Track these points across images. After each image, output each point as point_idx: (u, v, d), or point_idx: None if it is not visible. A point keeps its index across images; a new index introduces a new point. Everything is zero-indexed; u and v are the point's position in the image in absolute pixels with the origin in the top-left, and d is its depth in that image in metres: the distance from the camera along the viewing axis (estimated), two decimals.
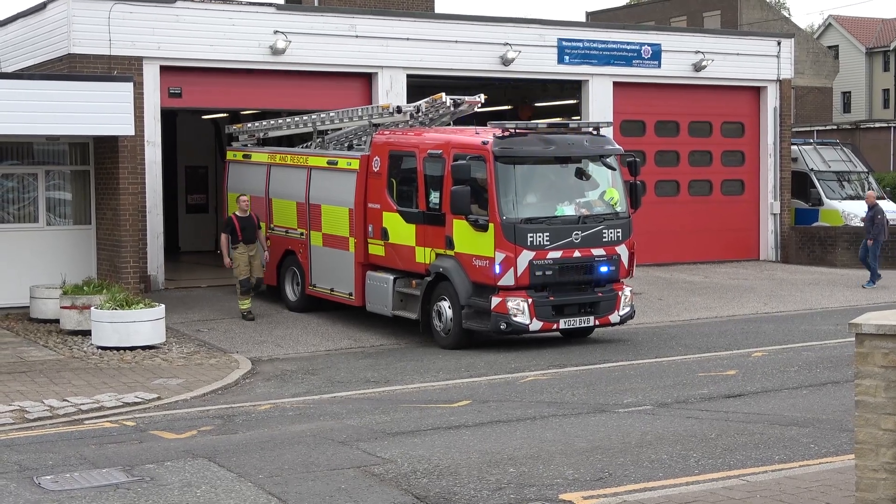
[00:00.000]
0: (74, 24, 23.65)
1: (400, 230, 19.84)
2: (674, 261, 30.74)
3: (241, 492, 9.76)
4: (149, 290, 23.58)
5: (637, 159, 19.99)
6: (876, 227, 26.97)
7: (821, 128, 45.66)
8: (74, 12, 23.68)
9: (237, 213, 21.95)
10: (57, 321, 20.35)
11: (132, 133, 21.38)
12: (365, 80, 27.38)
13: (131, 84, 21.18)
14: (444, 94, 20.47)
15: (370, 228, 20.54)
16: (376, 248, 20.52)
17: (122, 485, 10.07)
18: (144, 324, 18.56)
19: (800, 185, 33.63)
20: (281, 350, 19.22)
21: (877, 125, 45.88)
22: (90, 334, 18.97)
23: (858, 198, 34.05)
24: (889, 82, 75.25)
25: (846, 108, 75.64)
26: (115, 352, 18.25)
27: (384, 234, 20.19)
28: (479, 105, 20.88)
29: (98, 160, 22.75)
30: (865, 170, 35.40)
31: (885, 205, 33.94)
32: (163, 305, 19.20)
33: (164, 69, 24.71)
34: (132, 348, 18.38)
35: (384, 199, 20.22)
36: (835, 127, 46.65)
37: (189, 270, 28.45)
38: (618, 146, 19.70)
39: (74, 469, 10.71)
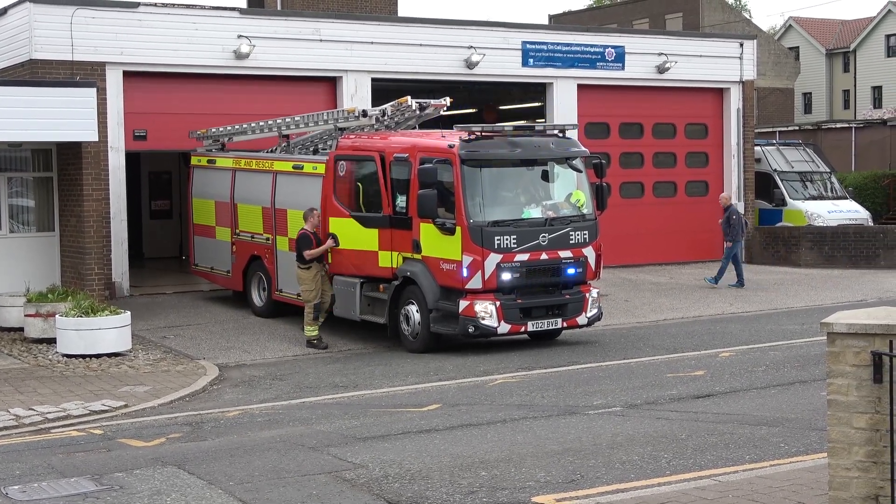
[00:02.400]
0: (36, 30, 23.45)
1: (367, 234, 19.75)
2: (640, 262, 30.85)
3: (211, 499, 9.69)
4: (114, 296, 23.41)
5: (603, 161, 20.02)
6: (732, 228, 27.24)
7: (783, 129, 45.94)
8: (36, 17, 23.48)
9: (308, 228, 19.73)
10: (21, 329, 20.16)
11: (96, 139, 21.20)
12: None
13: (94, 90, 21.00)
14: (409, 97, 20.44)
15: None
16: None
17: (90, 494, 9.98)
18: (110, 331, 18.41)
19: (763, 185, 33.83)
20: (248, 356, 19.12)
21: (838, 125, 46.18)
22: (55, 342, 18.80)
23: (822, 198, 34.33)
24: (849, 83, 75.87)
25: (807, 108, 76.20)
26: (80, 359, 18.10)
27: None
28: (445, 108, 20.87)
29: (61, 166, 22.56)
30: (828, 170, 35.66)
31: (848, 204, 34.32)
32: (128, 312, 19.06)
33: (127, 74, 24.56)
34: (98, 356, 18.23)
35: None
36: (797, 128, 46.94)
37: (154, 277, 28.27)
38: (584, 148, 19.73)
39: (42, 478, 10.60)
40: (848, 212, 33.75)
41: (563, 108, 29.85)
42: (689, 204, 32.53)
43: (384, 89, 27.19)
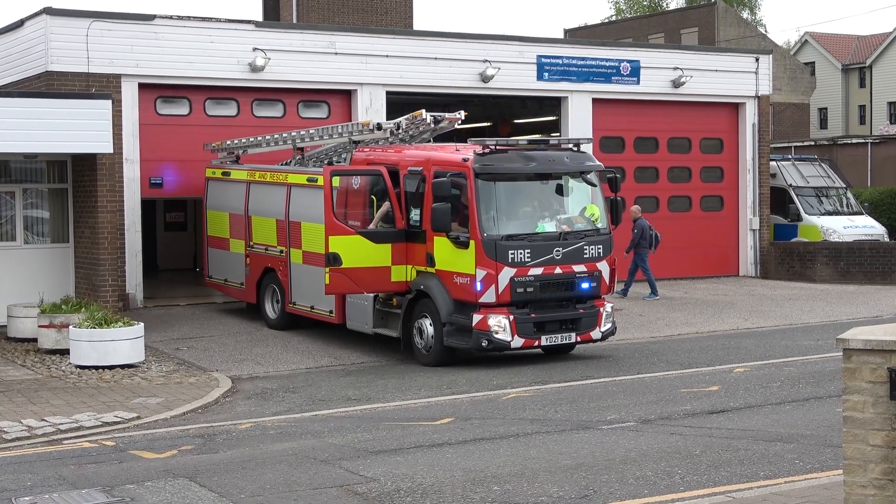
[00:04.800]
0: (52, 42, 23.54)
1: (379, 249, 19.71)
2: (654, 277, 30.71)
3: None
4: (127, 308, 23.43)
5: (617, 175, 19.98)
6: (633, 239, 27.27)
7: (798, 144, 45.83)
8: (52, 30, 23.57)
9: None
10: (35, 340, 20.19)
11: (111, 151, 21.25)
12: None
13: (110, 102, 21.06)
14: (424, 110, 20.44)
15: None
16: None
17: None
18: (123, 342, 18.41)
19: (779, 200, 33.73)
20: (261, 368, 19.10)
21: (854, 141, 46.06)
22: (68, 353, 18.81)
23: (837, 213, 34.22)
24: (865, 98, 75.68)
25: (823, 124, 76.01)
26: (93, 371, 18.11)
27: None
28: (459, 122, 20.87)
29: (76, 178, 22.62)
30: (843, 185, 35.55)
31: (863, 220, 34.19)
32: (142, 324, 19.07)
33: (142, 87, 24.62)
34: (111, 367, 18.23)
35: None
36: (812, 143, 46.82)
37: (168, 289, 28.30)
38: (598, 162, 19.69)
39: (53, 490, 10.59)
40: (864, 227, 33.63)
41: (578, 122, 29.84)
42: (704, 219, 32.46)
43: (399, 102, 27.21)
